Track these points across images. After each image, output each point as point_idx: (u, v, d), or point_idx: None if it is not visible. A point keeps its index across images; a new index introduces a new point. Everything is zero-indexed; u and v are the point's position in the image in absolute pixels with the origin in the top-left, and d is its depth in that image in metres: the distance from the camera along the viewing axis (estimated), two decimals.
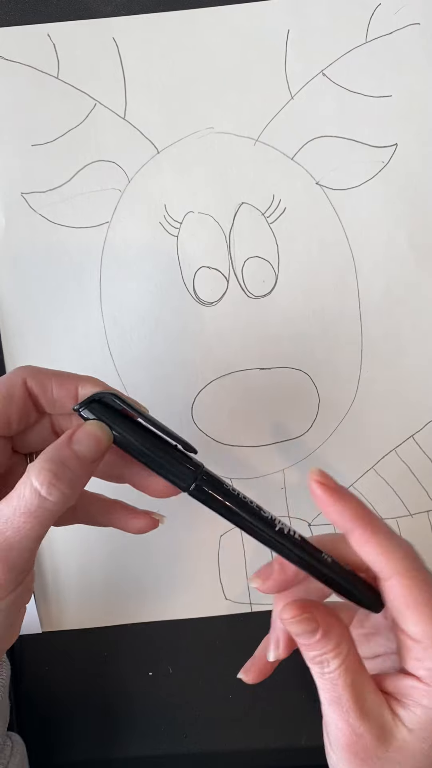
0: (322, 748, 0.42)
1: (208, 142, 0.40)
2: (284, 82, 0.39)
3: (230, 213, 0.40)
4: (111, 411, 0.29)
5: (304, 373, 0.41)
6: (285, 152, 0.40)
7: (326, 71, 0.39)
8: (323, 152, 0.40)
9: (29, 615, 0.42)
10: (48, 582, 0.42)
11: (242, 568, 0.42)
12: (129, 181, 0.40)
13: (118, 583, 0.42)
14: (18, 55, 0.39)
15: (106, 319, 0.41)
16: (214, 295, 0.41)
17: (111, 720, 0.43)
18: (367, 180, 0.40)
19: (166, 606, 0.42)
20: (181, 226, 0.40)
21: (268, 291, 0.41)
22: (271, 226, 0.40)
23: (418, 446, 0.41)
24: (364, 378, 0.41)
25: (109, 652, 0.43)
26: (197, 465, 0.30)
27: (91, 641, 0.42)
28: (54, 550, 0.42)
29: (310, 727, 0.42)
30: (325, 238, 0.40)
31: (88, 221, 0.40)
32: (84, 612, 0.42)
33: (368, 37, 0.39)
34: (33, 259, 0.40)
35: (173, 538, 0.42)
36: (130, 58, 0.39)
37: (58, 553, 0.42)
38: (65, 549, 0.42)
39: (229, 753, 0.42)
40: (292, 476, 0.41)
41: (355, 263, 0.40)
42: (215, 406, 0.41)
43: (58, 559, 0.42)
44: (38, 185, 0.40)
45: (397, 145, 0.40)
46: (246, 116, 0.40)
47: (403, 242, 0.40)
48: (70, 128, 0.40)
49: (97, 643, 0.42)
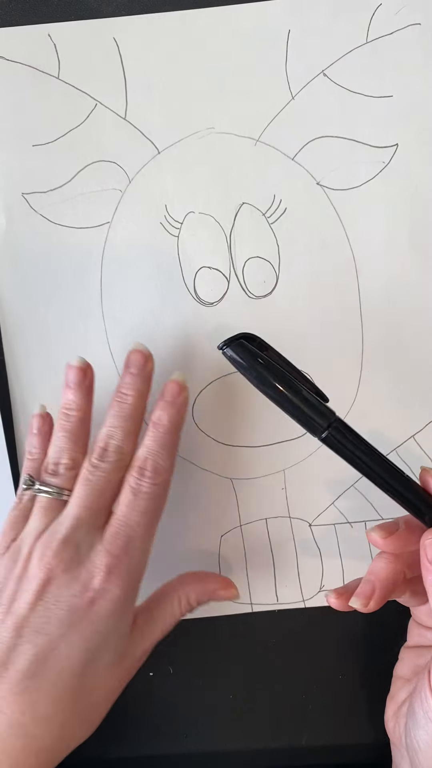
0: (322, 748, 0.42)
1: (208, 142, 0.40)
2: (285, 83, 0.39)
3: (231, 213, 0.40)
4: (250, 352, 0.31)
5: (304, 373, 0.41)
6: (286, 152, 0.40)
7: (327, 71, 0.39)
8: (324, 152, 0.40)
9: None
10: None
11: (243, 568, 0.42)
12: (130, 182, 0.40)
13: None
14: (18, 55, 0.39)
15: (107, 319, 0.41)
16: (215, 295, 0.41)
17: (111, 720, 0.43)
18: (367, 180, 0.40)
19: None
20: (181, 227, 0.40)
21: (269, 291, 0.41)
22: (271, 227, 0.40)
23: (418, 446, 0.41)
24: (364, 378, 0.41)
25: None
26: (331, 412, 0.32)
27: None
28: None
29: (310, 727, 0.42)
30: (325, 238, 0.40)
31: (89, 221, 0.40)
32: None
33: (369, 38, 0.39)
34: (34, 260, 0.40)
35: (174, 538, 0.42)
36: (131, 58, 0.39)
37: None
38: None
39: (229, 753, 0.42)
40: (293, 477, 0.41)
41: (356, 263, 0.40)
42: (216, 406, 0.41)
43: None
44: (39, 185, 0.40)
45: (397, 146, 0.40)
46: (247, 116, 0.40)
47: (403, 242, 0.40)
48: (70, 128, 0.40)
49: None
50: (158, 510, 0.36)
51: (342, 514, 0.41)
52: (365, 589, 0.33)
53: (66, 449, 0.37)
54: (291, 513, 0.42)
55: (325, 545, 0.42)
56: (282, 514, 0.41)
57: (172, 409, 0.37)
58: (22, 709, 0.32)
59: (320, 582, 0.42)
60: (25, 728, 0.32)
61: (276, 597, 0.42)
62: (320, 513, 0.42)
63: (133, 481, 0.35)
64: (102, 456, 0.36)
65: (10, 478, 0.41)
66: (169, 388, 0.37)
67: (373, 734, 0.38)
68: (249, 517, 0.42)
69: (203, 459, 0.41)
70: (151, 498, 0.35)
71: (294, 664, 0.42)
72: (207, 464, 0.41)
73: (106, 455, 0.36)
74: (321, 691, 0.42)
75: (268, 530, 0.42)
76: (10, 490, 0.41)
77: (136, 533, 0.35)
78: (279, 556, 0.42)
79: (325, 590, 0.42)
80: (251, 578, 0.42)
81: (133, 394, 0.37)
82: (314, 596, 0.42)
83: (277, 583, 0.42)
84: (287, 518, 0.42)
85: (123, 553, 0.34)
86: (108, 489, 0.35)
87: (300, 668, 0.42)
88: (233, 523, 0.42)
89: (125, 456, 0.36)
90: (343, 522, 0.42)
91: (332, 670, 0.42)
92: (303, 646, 0.42)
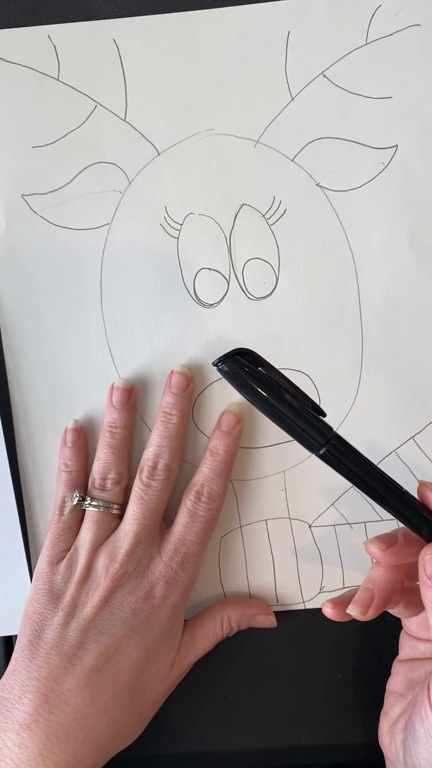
0: (322, 748, 0.42)
1: (208, 143, 0.40)
2: (285, 84, 0.39)
3: (231, 214, 0.40)
4: (246, 370, 0.31)
5: (304, 375, 0.41)
6: (285, 154, 0.40)
7: (327, 73, 0.39)
8: (324, 154, 0.40)
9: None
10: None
11: (243, 569, 0.42)
12: (129, 183, 0.40)
13: None
14: (18, 56, 0.39)
15: (107, 321, 0.41)
16: (215, 297, 0.41)
17: None
18: (367, 181, 0.40)
19: None
20: (181, 228, 0.40)
21: (269, 292, 0.41)
22: (271, 228, 0.40)
23: (418, 447, 0.41)
24: (364, 379, 0.41)
25: None
26: (328, 428, 0.31)
27: None
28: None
29: (310, 727, 0.42)
30: (325, 239, 0.40)
31: (89, 223, 0.40)
32: None
33: (368, 39, 0.39)
34: (34, 261, 0.40)
35: None
36: (131, 60, 0.39)
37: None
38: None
39: (229, 753, 0.42)
40: (293, 478, 0.41)
41: (356, 264, 0.40)
42: (216, 408, 0.41)
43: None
44: (39, 187, 0.40)
45: (397, 147, 0.40)
46: (246, 118, 0.40)
47: (403, 244, 0.40)
48: (70, 130, 0.40)
49: None
50: (210, 531, 0.40)
51: (342, 516, 0.41)
52: (364, 597, 0.33)
53: (113, 464, 0.40)
54: (291, 514, 0.42)
55: (324, 546, 0.42)
56: (282, 515, 0.42)
57: (229, 439, 0.40)
58: (86, 701, 0.35)
59: (320, 583, 0.42)
60: (88, 720, 0.35)
61: (276, 598, 0.42)
62: (320, 514, 0.42)
63: (190, 504, 0.39)
64: (152, 474, 0.39)
65: (9, 479, 0.41)
66: (226, 419, 0.40)
67: (372, 734, 0.38)
68: (249, 518, 0.42)
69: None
70: (206, 521, 0.39)
71: (293, 664, 0.42)
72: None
73: (156, 473, 0.39)
74: (320, 691, 0.42)
75: (268, 531, 0.42)
76: (9, 490, 0.41)
77: (191, 551, 0.38)
78: (279, 557, 0.42)
79: (325, 591, 0.42)
80: (251, 579, 0.42)
81: (177, 414, 0.39)
82: (314, 597, 0.42)
83: (277, 585, 0.42)
84: (287, 519, 0.42)
85: (180, 567, 0.38)
86: (160, 505, 0.39)
87: (299, 668, 0.42)
88: (233, 524, 0.42)
89: (173, 473, 0.39)
90: (343, 523, 0.42)
91: (331, 670, 0.42)
92: (302, 646, 0.42)
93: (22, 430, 0.41)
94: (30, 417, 0.41)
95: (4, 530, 0.41)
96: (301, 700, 0.42)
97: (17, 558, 0.42)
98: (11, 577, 0.42)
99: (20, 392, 0.41)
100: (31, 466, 0.41)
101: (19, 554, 0.42)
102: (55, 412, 0.41)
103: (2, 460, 0.41)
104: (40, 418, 0.41)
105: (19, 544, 0.41)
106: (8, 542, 0.41)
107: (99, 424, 0.41)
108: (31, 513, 0.42)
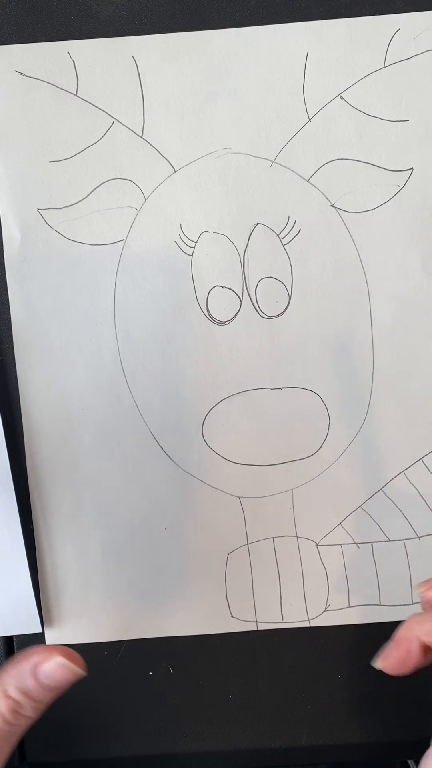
0: (322, 748, 0.42)
1: (225, 162, 0.40)
2: (302, 105, 0.40)
3: (245, 233, 0.40)
4: None
5: (315, 394, 0.41)
6: (301, 174, 0.40)
7: (344, 94, 0.39)
8: (339, 175, 0.40)
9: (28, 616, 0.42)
10: (50, 597, 0.42)
11: (249, 586, 0.42)
12: (145, 200, 0.40)
13: (122, 598, 0.42)
14: (37, 71, 0.40)
15: (120, 336, 0.41)
16: (227, 314, 0.41)
17: (111, 720, 0.43)
18: (382, 203, 0.40)
19: (171, 623, 0.42)
20: (195, 246, 0.40)
21: (281, 311, 0.41)
22: (285, 247, 0.40)
23: (427, 469, 0.41)
24: (374, 400, 0.41)
25: (109, 651, 0.43)
26: None
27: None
28: (56, 564, 0.42)
29: (310, 727, 0.42)
30: (339, 260, 0.40)
31: (104, 239, 0.40)
32: (88, 627, 0.42)
33: (387, 62, 0.39)
34: (48, 275, 0.41)
35: (180, 555, 0.42)
36: (149, 77, 0.40)
37: (61, 569, 0.42)
38: (68, 564, 0.42)
39: (229, 753, 0.42)
40: (301, 496, 0.41)
41: (369, 286, 0.41)
42: (226, 425, 0.41)
43: (59, 575, 0.42)
44: (55, 201, 0.40)
45: (413, 170, 0.40)
46: (263, 137, 0.40)
47: (416, 266, 0.40)
48: (87, 145, 0.40)
49: (97, 642, 0.43)
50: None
51: (349, 535, 0.42)
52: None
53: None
54: (298, 533, 0.42)
55: (331, 565, 0.42)
56: (289, 533, 0.42)
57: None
58: None
59: (326, 601, 0.42)
60: None
61: (281, 615, 0.42)
62: (327, 533, 0.42)
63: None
64: None
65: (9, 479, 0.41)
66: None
67: (372, 734, 0.38)
68: (256, 535, 0.42)
69: (212, 477, 0.42)
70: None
71: (294, 664, 0.43)
72: (215, 482, 0.42)
73: None
74: (320, 691, 0.42)
75: (275, 549, 0.42)
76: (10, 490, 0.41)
77: None
78: (285, 575, 0.42)
79: (331, 610, 0.42)
80: (257, 596, 0.42)
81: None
82: (319, 615, 0.42)
83: (282, 602, 0.42)
84: (294, 538, 0.42)
85: None
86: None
87: (299, 668, 0.42)
88: (240, 542, 0.42)
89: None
90: (350, 543, 0.42)
91: (331, 670, 0.42)
92: (302, 646, 0.42)
93: (34, 445, 0.41)
94: (40, 430, 0.41)
95: (4, 530, 0.41)
96: (301, 700, 0.42)
97: (17, 558, 0.42)
98: (11, 577, 0.42)
99: (32, 406, 0.41)
100: (36, 479, 0.41)
101: (19, 554, 0.42)
102: (64, 425, 0.41)
103: (3, 461, 0.41)
104: (48, 432, 0.41)
105: (19, 544, 0.42)
106: (8, 542, 0.41)
107: (107, 440, 0.41)
108: (34, 514, 0.42)
